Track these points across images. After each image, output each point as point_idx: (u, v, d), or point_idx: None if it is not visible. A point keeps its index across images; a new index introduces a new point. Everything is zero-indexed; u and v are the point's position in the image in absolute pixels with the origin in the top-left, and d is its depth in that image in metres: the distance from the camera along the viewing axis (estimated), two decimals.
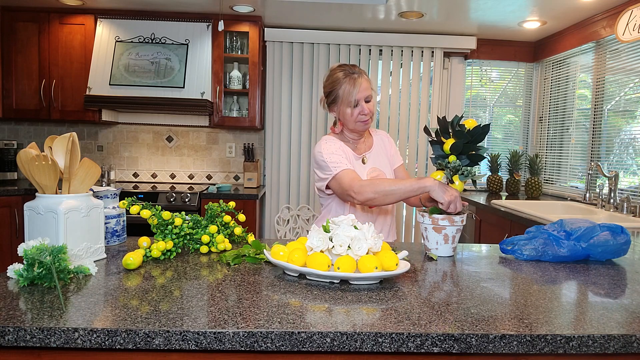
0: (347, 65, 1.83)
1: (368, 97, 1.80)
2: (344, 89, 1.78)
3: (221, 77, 3.75)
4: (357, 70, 1.82)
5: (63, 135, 1.28)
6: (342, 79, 1.79)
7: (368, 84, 1.81)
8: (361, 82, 1.78)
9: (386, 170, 1.93)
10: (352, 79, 1.78)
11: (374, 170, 1.90)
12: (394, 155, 2.01)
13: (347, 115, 1.81)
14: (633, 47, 3.07)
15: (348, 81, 1.78)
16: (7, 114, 3.68)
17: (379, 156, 1.95)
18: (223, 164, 4.23)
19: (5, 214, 3.33)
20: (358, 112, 1.79)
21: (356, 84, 1.77)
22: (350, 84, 1.77)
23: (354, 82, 1.77)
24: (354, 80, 1.77)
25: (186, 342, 0.86)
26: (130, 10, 3.67)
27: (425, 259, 1.48)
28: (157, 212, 1.40)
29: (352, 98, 1.77)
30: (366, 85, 1.79)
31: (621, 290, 1.20)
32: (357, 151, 1.91)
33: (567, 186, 3.79)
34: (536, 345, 0.89)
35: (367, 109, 1.80)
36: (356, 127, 1.84)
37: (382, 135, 2.03)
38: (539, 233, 1.54)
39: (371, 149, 1.95)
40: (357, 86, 1.77)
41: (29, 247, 1.09)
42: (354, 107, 1.79)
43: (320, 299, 1.06)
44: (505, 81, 4.38)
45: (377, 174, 1.89)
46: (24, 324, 0.87)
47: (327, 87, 1.84)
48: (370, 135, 1.99)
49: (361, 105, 1.79)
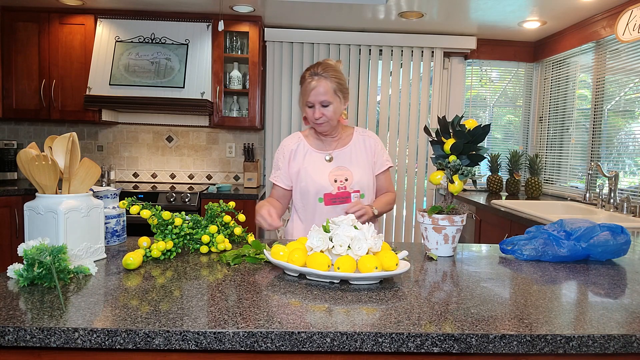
0: (318, 65, 1.83)
1: (324, 102, 1.79)
2: (303, 88, 1.83)
3: (221, 77, 3.75)
4: (322, 71, 1.80)
5: (63, 135, 1.28)
6: (306, 79, 1.82)
7: (326, 89, 1.78)
8: (317, 85, 1.78)
9: (357, 173, 1.90)
10: (312, 80, 1.80)
11: (339, 169, 1.90)
12: (377, 160, 1.97)
13: (306, 114, 1.87)
14: (633, 47, 3.06)
15: (308, 82, 1.80)
16: (7, 114, 3.68)
17: (352, 156, 1.93)
18: (223, 164, 4.23)
19: (5, 214, 3.33)
20: (311, 113, 1.83)
21: (310, 87, 1.79)
22: (309, 85, 1.80)
23: (310, 85, 1.79)
24: (312, 82, 1.79)
25: (186, 342, 0.86)
26: (130, 10, 3.67)
27: (425, 259, 1.48)
28: (157, 212, 1.40)
29: (305, 99, 1.82)
30: (322, 90, 1.78)
31: (621, 290, 1.20)
32: (325, 148, 1.93)
33: (567, 186, 3.79)
34: (536, 345, 0.89)
35: (319, 114, 1.80)
36: (316, 128, 1.89)
37: (368, 137, 1.99)
38: (539, 233, 1.54)
39: (343, 148, 1.94)
40: (311, 89, 1.79)
41: (29, 247, 1.09)
42: (309, 108, 1.83)
43: (320, 299, 1.06)
44: (505, 81, 4.38)
45: (341, 173, 1.89)
46: (24, 324, 0.87)
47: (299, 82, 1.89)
48: (352, 134, 1.98)
49: (315, 109, 1.81)
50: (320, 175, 1.88)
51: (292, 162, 1.93)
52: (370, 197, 1.94)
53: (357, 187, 1.89)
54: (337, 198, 1.87)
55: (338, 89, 1.82)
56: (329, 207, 1.87)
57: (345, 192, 1.88)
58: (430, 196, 4.32)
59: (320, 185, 1.87)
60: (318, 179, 1.87)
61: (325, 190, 1.87)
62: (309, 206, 1.90)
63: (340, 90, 1.84)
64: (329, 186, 1.87)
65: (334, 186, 1.87)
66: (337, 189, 1.87)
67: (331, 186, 1.87)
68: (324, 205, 1.87)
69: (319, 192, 1.87)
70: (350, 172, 1.89)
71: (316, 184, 1.87)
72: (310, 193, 1.88)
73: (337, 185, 1.87)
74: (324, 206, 1.87)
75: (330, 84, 1.80)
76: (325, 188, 1.87)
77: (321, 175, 1.88)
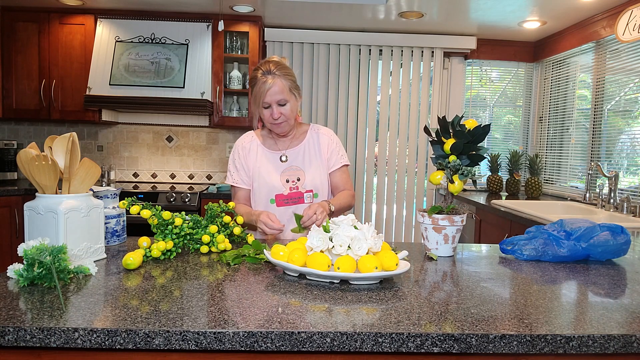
0: (270, 63, 1.76)
1: (281, 100, 1.74)
2: (257, 89, 1.73)
3: (221, 77, 3.75)
4: (275, 70, 1.73)
5: (63, 135, 1.28)
6: (258, 79, 1.73)
7: (281, 88, 1.73)
8: (273, 84, 1.71)
9: (309, 172, 1.86)
10: (265, 79, 1.72)
11: (291, 168, 1.86)
12: (331, 157, 1.90)
13: (261, 115, 1.79)
14: (633, 47, 3.06)
15: (262, 82, 1.72)
16: (7, 114, 3.68)
17: (305, 155, 1.88)
18: (223, 164, 4.23)
19: (5, 214, 3.33)
20: (269, 114, 1.76)
21: (266, 86, 1.71)
22: (264, 85, 1.71)
23: (265, 84, 1.71)
24: (265, 81, 1.71)
25: (186, 342, 0.86)
26: (130, 10, 3.67)
27: (425, 259, 1.48)
28: (157, 212, 1.40)
29: (260, 100, 1.74)
30: (279, 89, 1.72)
31: (621, 290, 1.20)
32: (278, 147, 1.89)
33: (567, 186, 3.79)
34: (536, 345, 0.89)
35: (277, 113, 1.75)
36: (273, 129, 1.83)
37: (321, 134, 1.92)
38: (539, 233, 1.54)
39: (297, 147, 1.89)
40: (267, 89, 1.71)
41: (29, 247, 1.09)
42: (265, 109, 1.76)
43: (320, 299, 1.06)
44: (505, 81, 4.38)
45: (293, 173, 1.85)
46: (24, 324, 0.87)
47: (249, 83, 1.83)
48: (306, 132, 1.92)
49: (272, 109, 1.75)
50: (271, 175, 1.84)
51: (248, 160, 1.88)
52: (324, 196, 1.89)
53: (309, 187, 1.84)
54: (289, 199, 1.83)
55: (292, 86, 1.78)
56: (281, 209, 1.83)
57: (297, 192, 1.83)
58: (430, 196, 4.32)
59: (272, 185, 1.82)
60: (270, 180, 1.83)
61: (276, 191, 1.82)
62: (259, 207, 1.85)
63: (295, 87, 1.79)
64: (280, 187, 1.83)
65: (286, 187, 1.83)
66: (289, 190, 1.83)
67: (283, 187, 1.83)
68: (275, 206, 1.83)
69: (270, 193, 1.83)
70: (302, 171, 1.85)
71: (268, 185, 1.83)
72: (262, 194, 1.84)
73: (289, 185, 1.83)
74: (275, 207, 1.83)
75: (286, 82, 1.74)
76: (277, 189, 1.82)
77: (273, 175, 1.84)
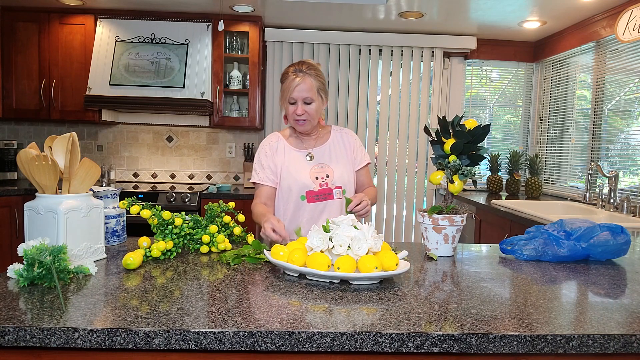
0: (302, 63, 1.83)
1: (307, 99, 1.79)
2: (286, 84, 1.81)
3: (221, 77, 3.75)
4: (307, 69, 1.81)
5: (63, 135, 1.28)
6: (289, 75, 1.81)
7: (310, 87, 1.79)
8: (301, 81, 1.78)
9: (337, 169, 1.90)
10: (295, 76, 1.79)
11: (319, 165, 1.90)
12: (357, 156, 1.98)
13: (286, 111, 1.86)
14: (633, 47, 3.06)
15: (292, 78, 1.79)
16: (7, 114, 3.68)
17: (331, 153, 1.94)
18: (223, 164, 4.23)
19: (5, 214, 3.33)
20: (293, 110, 1.82)
21: (294, 83, 1.78)
22: (291, 80, 1.79)
23: (295, 80, 1.78)
24: (295, 78, 1.78)
25: (186, 342, 0.86)
26: (130, 10, 3.67)
27: (425, 259, 1.48)
28: (157, 212, 1.40)
29: (288, 95, 1.80)
30: (306, 87, 1.78)
31: (621, 290, 1.20)
32: (304, 146, 1.93)
33: (567, 186, 3.79)
34: (536, 345, 0.89)
35: (301, 110, 1.80)
36: (294, 126, 1.88)
37: (345, 134, 2.00)
38: (539, 233, 1.54)
39: (322, 146, 1.94)
40: (294, 85, 1.78)
41: (29, 247, 1.09)
42: (291, 105, 1.82)
43: (320, 299, 1.06)
44: (505, 81, 4.38)
45: (321, 170, 1.89)
46: (24, 324, 0.87)
47: (280, 79, 1.88)
48: (329, 132, 1.99)
49: (297, 105, 1.80)
50: (301, 173, 1.88)
51: (275, 158, 1.92)
52: (351, 193, 1.94)
53: (338, 183, 1.89)
54: (320, 195, 1.87)
55: (321, 88, 1.84)
56: (311, 205, 1.88)
57: (327, 188, 1.88)
58: (430, 196, 4.32)
59: (302, 183, 1.87)
60: (299, 177, 1.87)
61: (307, 187, 1.87)
62: (290, 205, 1.90)
63: (322, 90, 1.85)
64: (310, 184, 1.87)
65: (316, 183, 1.88)
66: (318, 186, 1.87)
67: (313, 183, 1.87)
68: (306, 202, 1.87)
69: (301, 190, 1.87)
70: (330, 168, 1.90)
71: (298, 182, 1.87)
72: (293, 191, 1.87)
73: (318, 182, 1.88)
74: (306, 204, 1.88)
75: (314, 82, 1.80)
76: (307, 186, 1.87)
77: (302, 173, 1.88)
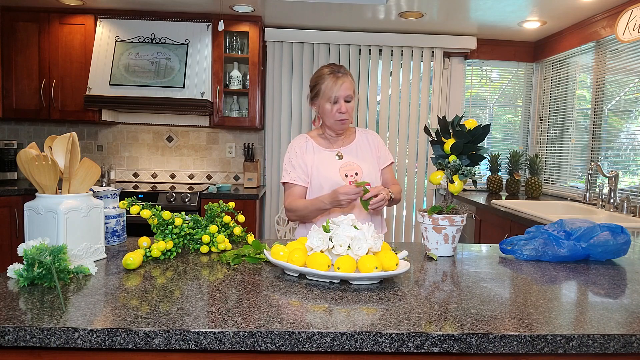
0: (335, 65, 1.91)
1: (348, 97, 1.87)
2: (326, 84, 1.86)
3: (221, 77, 3.75)
4: (343, 70, 1.89)
5: (63, 135, 1.28)
6: (327, 75, 1.87)
7: (350, 85, 1.87)
8: (344, 81, 1.86)
9: (365, 167, 1.94)
10: (335, 76, 1.86)
11: (348, 164, 1.93)
12: (381, 155, 2.03)
13: (326, 111, 1.89)
14: (633, 47, 3.06)
15: (331, 78, 1.86)
16: (7, 114, 3.68)
17: (359, 153, 1.98)
18: (223, 164, 4.23)
19: (5, 214, 3.33)
20: (336, 109, 1.86)
21: (338, 82, 1.85)
22: (333, 80, 1.85)
23: (337, 80, 1.85)
24: (337, 78, 1.86)
25: (186, 342, 0.86)
26: (130, 10, 3.67)
27: (425, 259, 1.48)
28: (157, 212, 1.40)
29: (332, 94, 1.85)
30: (348, 86, 1.86)
31: (621, 290, 1.20)
32: (332, 146, 1.97)
33: (567, 186, 3.79)
34: (536, 345, 0.89)
35: (344, 108, 1.86)
36: (333, 126, 1.92)
37: (369, 134, 2.06)
38: (539, 233, 1.54)
39: (350, 145, 1.99)
40: (340, 84, 1.84)
41: (29, 247, 1.09)
42: (333, 104, 1.86)
43: (320, 299, 1.06)
44: (505, 81, 4.38)
45: (351, 168, 1.93)
46: (24, 324, 0.87)
47: (312, 82, 1.93)
48: (355, 133, 2.04)
49: (340, 103, 1.86)
50: (331, 171, 1.92)
51: (306, 158, 1.95)
52: None
53: (367, 180, 1.91)
54: None
55: (355, 89, 1.92)
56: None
57: None
58: (430, 196, 4.32)
59: (333, 180, 1.89)
60: (330, 175, 1.90)
61: (337, 185, 1.88)
62: None
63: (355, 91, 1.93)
64: (340, 181, 1.89)
65: (345, 181, 1.90)
66: (348, 183, 1.90)
67: (342, 181, 1.90)
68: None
69: (332, 188, 1.88)
70: (359, 166, 1.94)
71: (329, 180, 1.89)
72: (324, 190, 1.89)
73: (348, 180, 1.91)
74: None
75: (352, 82, 1.90)
76: (338, 183, 1.89)
77: (332, 171, 1.92)
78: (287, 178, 1.94)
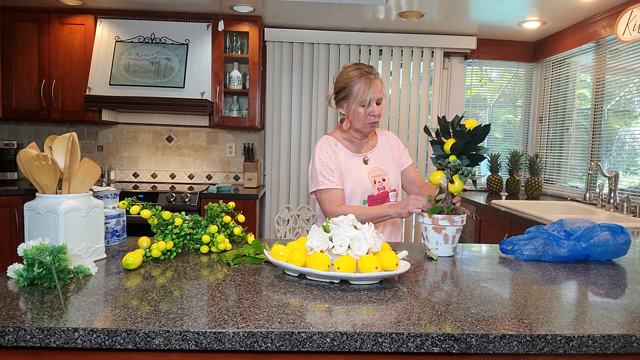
0: (363, 65, 1.84)
1: (379, 99, 1.82)
2: (359, 87, 1.79)
3: (221, 77, 3.75)
4: (374, 71, 1.83)
5: (63, 135, 1.28)
6: (358, 77, 1.79)
7: (381, 87, 1.82)
8: (376, 83, 1.80)
9: (390, 171, 1.93)
10: (368, 78, 1.79)
11: (376, 169, 1.90)
12: (401, 156, 2.01)
13: (357, 113, 1.82)
14: (633, 47, 3.06)
15: (364, 80, 1.79)
16: (7, 114, 3.68)
17: (382, 156, 1.95)
18: (223, 164, 4.23)
19: (5, 214, 3.33)
20: (369, 112, 1.80)
21: (372, 84, 1.78)
22: (366, 83, 1.78)
23: (370, 82, 1.79)
24: (370, 81, 1.79)
25: (186, 342, 0.86)
26: (130, 10, 3.67)
27: (425, 259, 1.48)
28: (157, 212, 1.40)
29: (366, 97, 1.78)
30: (380, 88, 1.81)
31: (621, 290, 1.20)
32: (359, 150, 1.93)
33: (567, 186, 3.79)
34: (536, 345, 0.89)
35: (377, 111, 1.81)
36: (363, 128, 1.85)
37: (389, 136, 2.03)
38: (539, 233, 1.54)
39: (374, 149, 1.95)
40: (373, 87, 1.78)
41: (29, 247, 1.09)
42: (366, 107, 1.80)
43: (320, 299, 1.06)
44: (505, 81, 4.38)
45: (379, 174, 1.90)
46: (24, 324, 0.87)
47: (340, 83, 1.84)
48: (375, 135, 2.00)
49: (372, 106, 1.80)
50: (361, 176, 1.87)
51: (338, 160, 1.88)
52: (401, 195, 1.97)
53: (393, 187, 1.91)
54: (379, 199, 1.87)
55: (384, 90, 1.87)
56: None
57: (384, 192, 1.89)
58: None
59: (365, 187, 1.86)
60: (361, 181, 1.86)
61: (368, 191, 1.86)
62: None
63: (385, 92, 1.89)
64: (370, 188, 1.87)
65: (374, 187, 1.87)
66: (377, 190, 1.87)
67: (372, 188, 1.87)
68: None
69: (363, 194, 1.86)
70: (385, 172, 1.91)
71: (361, 186, 1.86)
72: (356, 195, 1.85)
73: (376, 186, 1.88)
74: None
75: (382, 83, 1.84)
76: (369, 189, 1.86)
77: (362, 176, 1.87)
78: (329, 184, 1.82)
